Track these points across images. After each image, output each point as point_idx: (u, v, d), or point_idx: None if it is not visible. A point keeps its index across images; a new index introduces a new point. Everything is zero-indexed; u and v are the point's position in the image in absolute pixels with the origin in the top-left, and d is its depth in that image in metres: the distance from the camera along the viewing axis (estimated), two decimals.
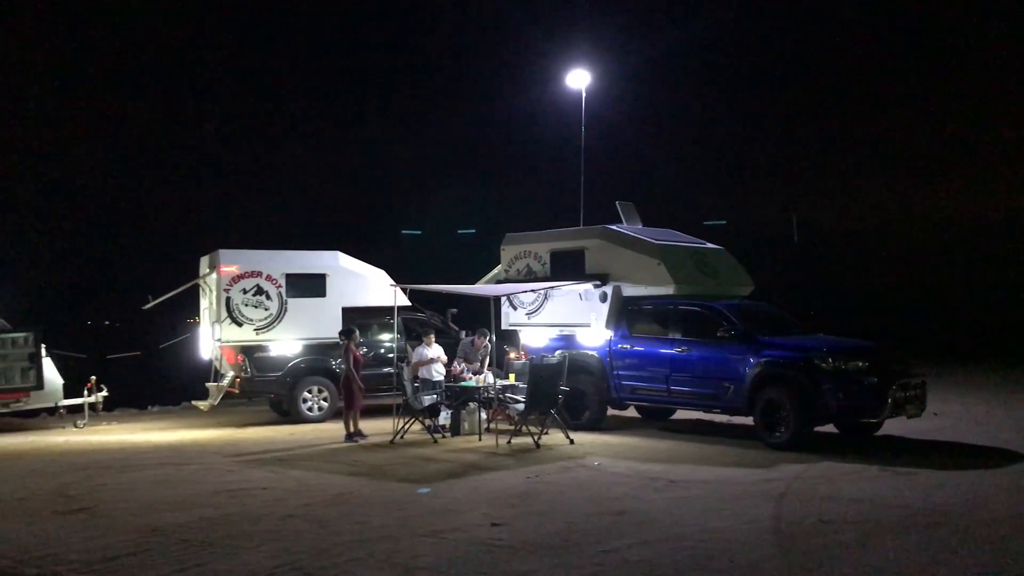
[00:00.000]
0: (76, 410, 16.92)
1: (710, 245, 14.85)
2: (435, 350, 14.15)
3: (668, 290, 13.40)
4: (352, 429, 13.50)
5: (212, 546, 7.37)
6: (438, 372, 14.02)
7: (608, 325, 13.79)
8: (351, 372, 13.53)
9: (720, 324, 12.52)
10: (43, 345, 16.38)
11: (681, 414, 14.73)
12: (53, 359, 16.83)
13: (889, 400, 11.36)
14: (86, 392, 16.74)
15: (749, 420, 12.27)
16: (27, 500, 9.41)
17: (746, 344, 12.18)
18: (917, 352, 15.38)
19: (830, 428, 12.32)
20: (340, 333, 14.37)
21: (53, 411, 17.37)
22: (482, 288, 15.69)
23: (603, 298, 13.87)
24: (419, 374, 13.84)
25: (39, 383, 16.10)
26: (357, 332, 14.21)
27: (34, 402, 16.53)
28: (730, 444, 12.28)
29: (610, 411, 14.31)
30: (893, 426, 12.58)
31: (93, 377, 16.98)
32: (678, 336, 13.07)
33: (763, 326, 12.72)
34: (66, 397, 16.80)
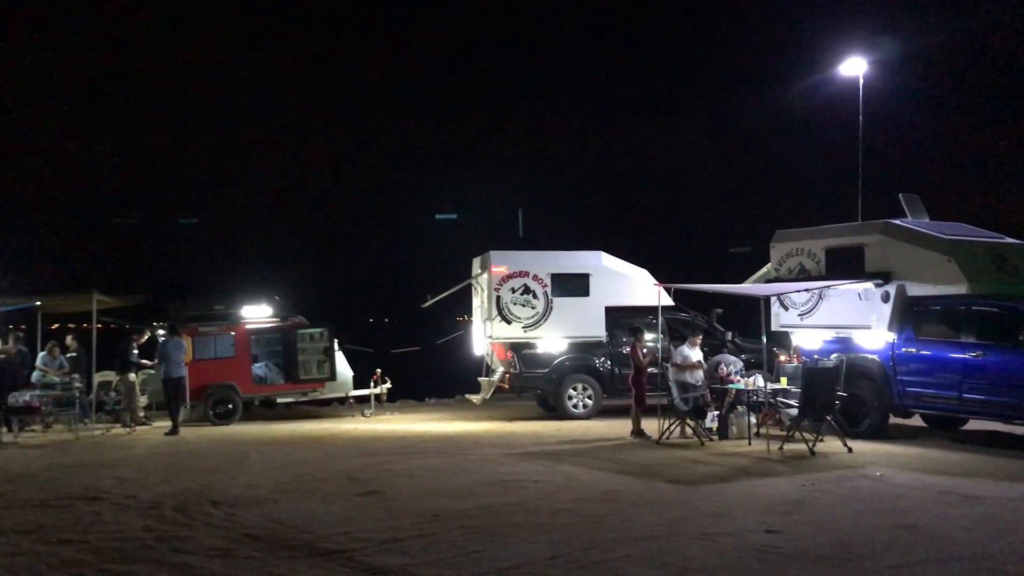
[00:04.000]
0: (363, 400, 18.33)
1: (1011, 240, 13.46)
2: (697, 353, 13.82)
3: (960, 289, 12.28)
4: (637, 427, 13.57)
5: (489, 534, 7.65)
6: (694, 376, 13.66)
7: (891, 327, 12.88)
8: (640, 369, 13.65)
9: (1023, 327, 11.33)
10: (335, 340, 17.88)
11: (974, 424, 13.48)
12: (344, 353, 18.32)
13: None
14: (372, 384, 18.09)
15: None
16: (326, 482, 10.27)
17: None
18: None
19: None
20: (628, 331, 14.54)
21: (343, 401, 18.92)
22: (751, 287, 15.21)
23: (885, 298, 12.98)
24: (674, 375, 13.68)
25: (332, 375, 17.61)
26: (644, 331, 14.29)
27: (328, 392, 18.11)
28: None
29: (892, 419, 13.36)
30: None
31: (378, 370, 18.31)
32: (972, 339, 11.95)
33: None
34: (355, 388, 18.25)
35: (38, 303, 17.07)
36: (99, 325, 16.57)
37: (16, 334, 16.51)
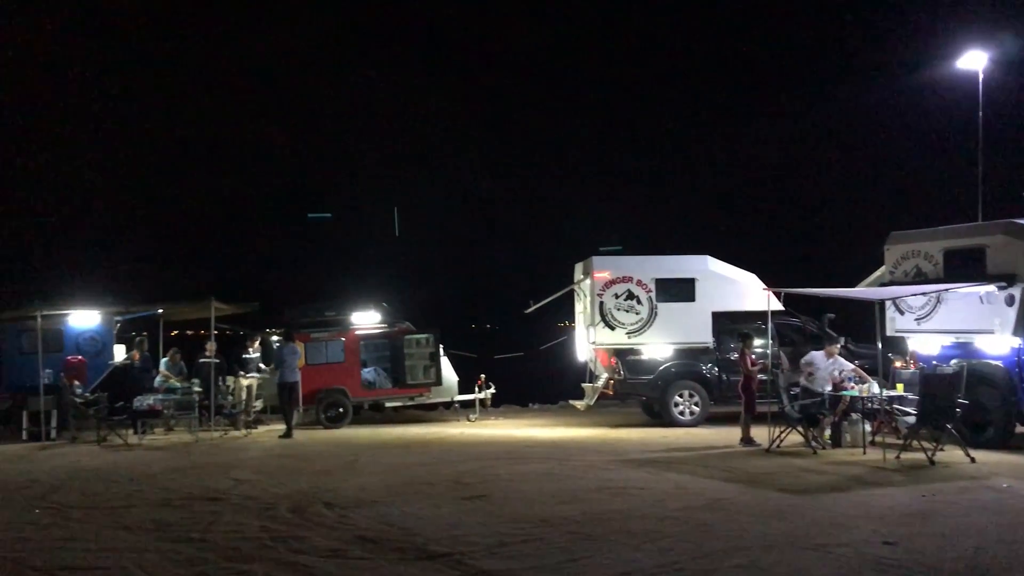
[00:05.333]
0: (468, 405, 18.52)
1: None
2: (832, 363, 13.40)
3: None
4: (747, 434, 13.35)
5: (596, 540, 7.62)
6: (822, 382, 13.30)
7: (1016, 332, 12.27)
8: (750, 376, 13.44)
9: None
10: (441, 345, 18.14)
11: None
12: (449, 358, 18.56)
13: None
14: (477, 389, 18.26)
15: None
16: (434, 485, 10.42)
17: None
18: None
19: None
20: (736, 337, 14.32)
21: (449, 405, 19.16)
22: (865, 291, 14.71)
23: (1009, 301, 12.37)
24: (801, 382, 13.35)
25: (438, 379, 17.87)
26: (753, 337, 14.05)
27: (434, 396, 18.38)
28: None
29: (1020, 428, 12.74)
30: None
31: (482, 375, 18.47)
32: None
33: None
34: (460, 393, 18.47)
35: (160, 310, 17.87)
36: (216, 332, 17.21)
37: (141, 341, 17.33)
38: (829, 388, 13.10)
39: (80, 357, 16.83)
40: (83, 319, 17.24)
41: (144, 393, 15.83)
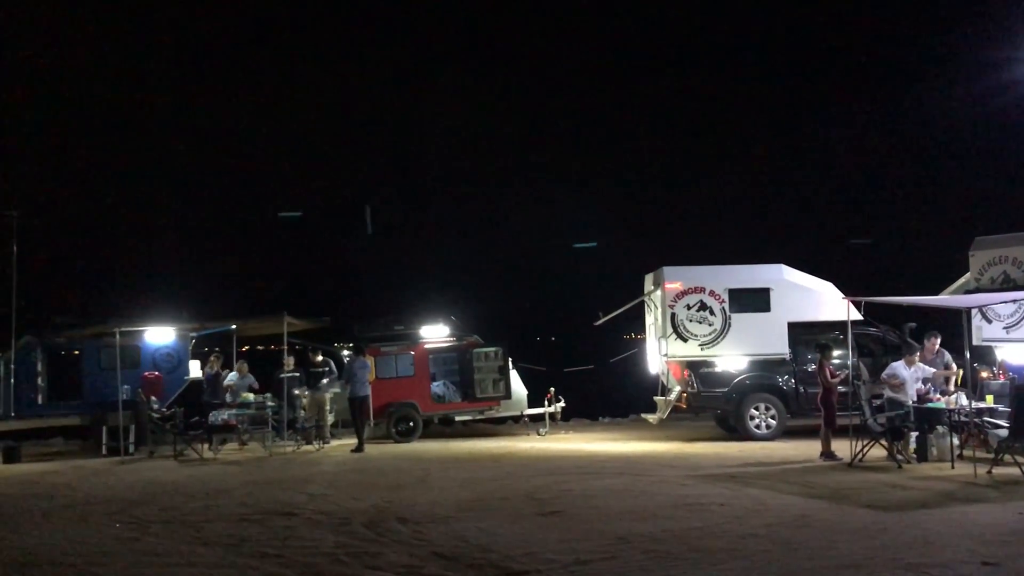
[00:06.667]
0: (538, 419, 18.37)
1: None
2: (915, 371, 12.97)
3: None
4: (828, 448, 12.97)
5: (676, 558, 7.40)
6: (903, 395, 12.85)
7: None
8: (829, 388, 13.09)
9: None
10: (510, 358, 18.04)
11: None
12: (518, 371, 18.45)
13: None
14: (546, 402, 18.10)
15: None
16: (506, 500, 10.29)
17: None
18: None
19: None
20: (814, 348, 13.95)
21: (518, 419, 19.04)
22: (949, 299, 14.20)
23: None
24: (887, 394, 12.92)
25: (508, 393, 17.77)
26: (832, 347, 13.67)
27: (503, 410, 18.27)
28: None
29: None
30: None
31: (552, 388, 18.31)
32: None
33: None
34: (529, 407, 18.33)
35: (233, 326, 18.12)
36: (287, 347, 17.36)
37: (217, 356, 17.61)
38: (914, 399, 12.65)
39: (157, 373, 17.17)
40: (159, 335, 17.57)
41: (220, 408, 16.07)
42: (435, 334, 18.30)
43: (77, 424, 17.40)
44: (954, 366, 13.49)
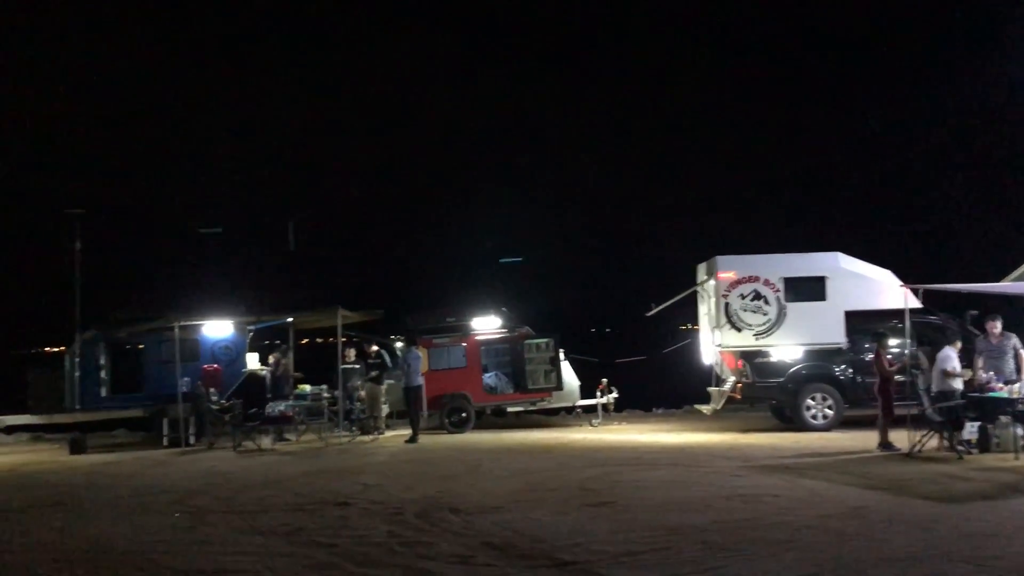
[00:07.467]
0: (590, 410, 18.34)
1: None
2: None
3: None
4: (885, 439, 12.74)
5: (729, 550, 7.33)
6: (955, 384, 12.55)
7: None
8: (887, 378, 12.84)
9: None
10: (561, 350, 18.02)
11: None
12: (570, 363, 18.42)
13: None
14: (599, 393, 18.06)
15: None
16: (558, 491, 10.29)
17: None
18: None
19: None
20: (871, 337, 13.69)
21: (571, 410, 19.02)
22: (1012, 286, 13.81)
23: None
24: (935, 384, 12.62)
25: (559, 384, 17.76)
26: (889, 336, 13.39)
27: (555, 401, 18.29)
28: None
29: None
30: None
31: (604, 380, 18.26)
32: None
33: None
34: (581, 398, 18.30)
35: (290, 319, 18.40)
36: (344, 339, 17.57)
37: (286, 350, 17.94)
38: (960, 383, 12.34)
39: (216, 365, 17.49)
40: (218, 329, 17.90)
41: (278, 399, 16.36)
42: (487, 326, 18.36)
43: (139, 416, 17.86)
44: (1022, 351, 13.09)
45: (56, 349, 23.43)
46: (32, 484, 12.50)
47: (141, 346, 17.90)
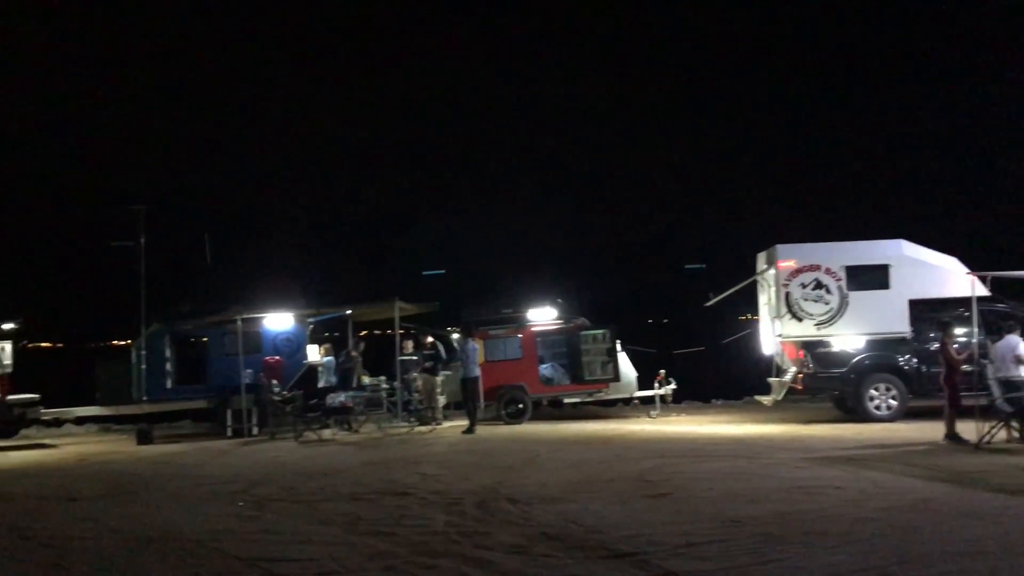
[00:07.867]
0: (648, 401, 18.24)
1: None
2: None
3: None
4: (952, 430, 12.47)
5: (789, 542, 7.24)
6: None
7: None
8: (953, 368, 12.55)
9: None
10: (618, 341, 17.95)
11: None
12: (627, 354, 18.34)
13: None
14: (656, 384, 17.95)
15: None
16: (615, 482, 10.27)
17: None
18: None
19: None
20: (937, 325, 13.39)
21: (628, 401, 18.94)
22: None
23: None
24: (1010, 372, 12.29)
25: (616, 375, 17.70)
26: (955, 325, 13.08)
27: (612, 392, 18.24)
28: None
29: None
30: None
31: (662, 371, 18.14)
32: None
33: None
34: (639, 389, 18.22)
35: (348, 311, 18.61)
36: (401, 331, 17.73)
37: (358, 342, 18.24)
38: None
39: (277, 357, 17.79)
40: (279, 321, 18.20)
41: (341, 390, 16.60)
42: (542, 317, 18.37)
43: (204, 407, 18.26)
44: None
45: (123, 342, 24.05)
46: (101, 473, 12.87)
47: (205, 339, 18.29)
